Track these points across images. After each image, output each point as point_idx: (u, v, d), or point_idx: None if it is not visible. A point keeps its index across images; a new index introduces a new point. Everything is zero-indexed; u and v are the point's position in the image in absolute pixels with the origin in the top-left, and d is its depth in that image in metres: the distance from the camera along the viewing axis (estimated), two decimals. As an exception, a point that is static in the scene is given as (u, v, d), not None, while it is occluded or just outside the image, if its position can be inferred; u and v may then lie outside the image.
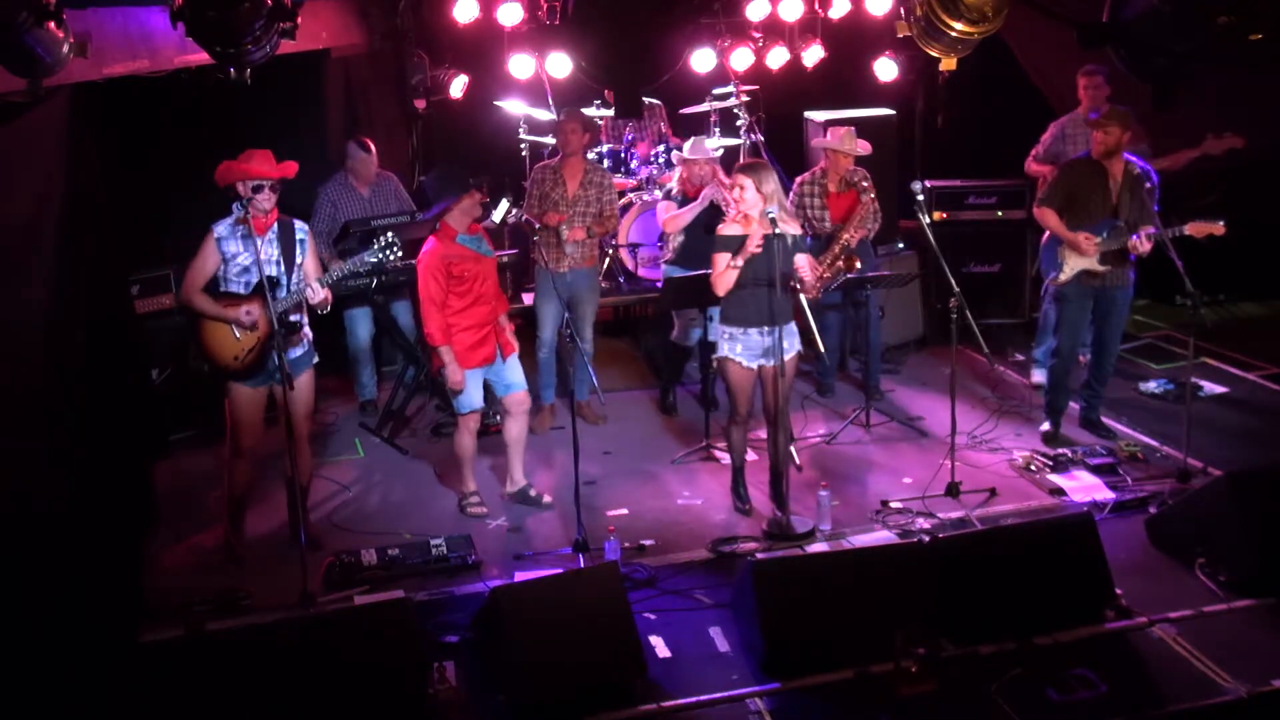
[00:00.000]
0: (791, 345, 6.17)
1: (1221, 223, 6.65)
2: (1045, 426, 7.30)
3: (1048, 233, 7.08)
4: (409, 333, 7.74)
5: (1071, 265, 6.94)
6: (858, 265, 7.33)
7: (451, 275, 6.20)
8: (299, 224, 5.95)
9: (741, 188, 5.97)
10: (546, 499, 6.59)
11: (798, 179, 7.79)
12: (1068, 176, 7.00)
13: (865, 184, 7.46)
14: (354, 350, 7.90)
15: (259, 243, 5.73)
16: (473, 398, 6.38)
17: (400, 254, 6.09)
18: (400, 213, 7.52)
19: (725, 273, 5.99)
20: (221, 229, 5.80)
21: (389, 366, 8.35)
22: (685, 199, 7.48)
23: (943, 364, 8.16)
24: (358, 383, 7.98)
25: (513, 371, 6.46)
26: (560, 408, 7.66)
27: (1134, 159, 6.93)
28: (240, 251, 5.79)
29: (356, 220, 7.35)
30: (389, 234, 6.06)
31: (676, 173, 7.70)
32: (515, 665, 4.74)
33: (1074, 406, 7.43)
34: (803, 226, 7.63)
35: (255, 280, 5.76)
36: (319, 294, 5.85)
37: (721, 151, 8.48)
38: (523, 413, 6.52)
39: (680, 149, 8.02)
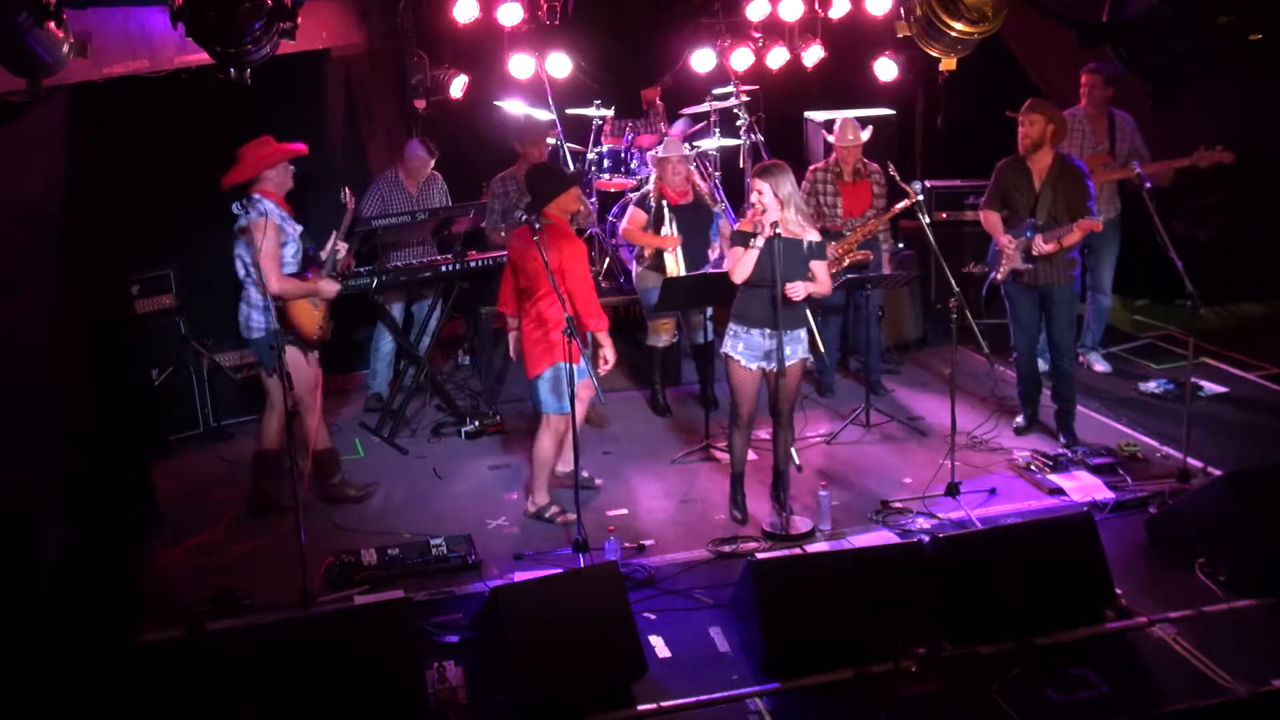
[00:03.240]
0: (795, 352, 6.15)
1: (1100, 220, 6.83)
2: (1019, 420, 7.38)
3: None
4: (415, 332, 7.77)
5: (1004, 266, 7.03)
6: (871, 258, 7.41)
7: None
8: None
9: (760, 193, 5.94)
10: (599, 482, 6.64)
11: (811, 166, 7.84)
12: (1000, 177, 7.09)
13: (878, 177, 7.55)
14: (376, 339, 7.91)
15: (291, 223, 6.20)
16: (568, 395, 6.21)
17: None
18: (401, 213, 7.52)
19: (744, 258, 5.93)
20: (272, 215, 6.04)
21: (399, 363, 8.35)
22: (662, 203, 7.46)
23: (943, 364, 8.17)
24: (372, 373, 7.98)
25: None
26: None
27: (1071, 157, 6.97)
28: (291, 232, 6.13)
29: (361, 220, 7.35)
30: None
31: (652, 174, 7.66)
32: (515, 665, 4.74)
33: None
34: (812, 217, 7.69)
35: (299, 256, 6.21)
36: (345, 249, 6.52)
37: (694, 151, 8.47)
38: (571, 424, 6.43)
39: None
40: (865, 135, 7.62)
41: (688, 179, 7.51)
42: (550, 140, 8.03)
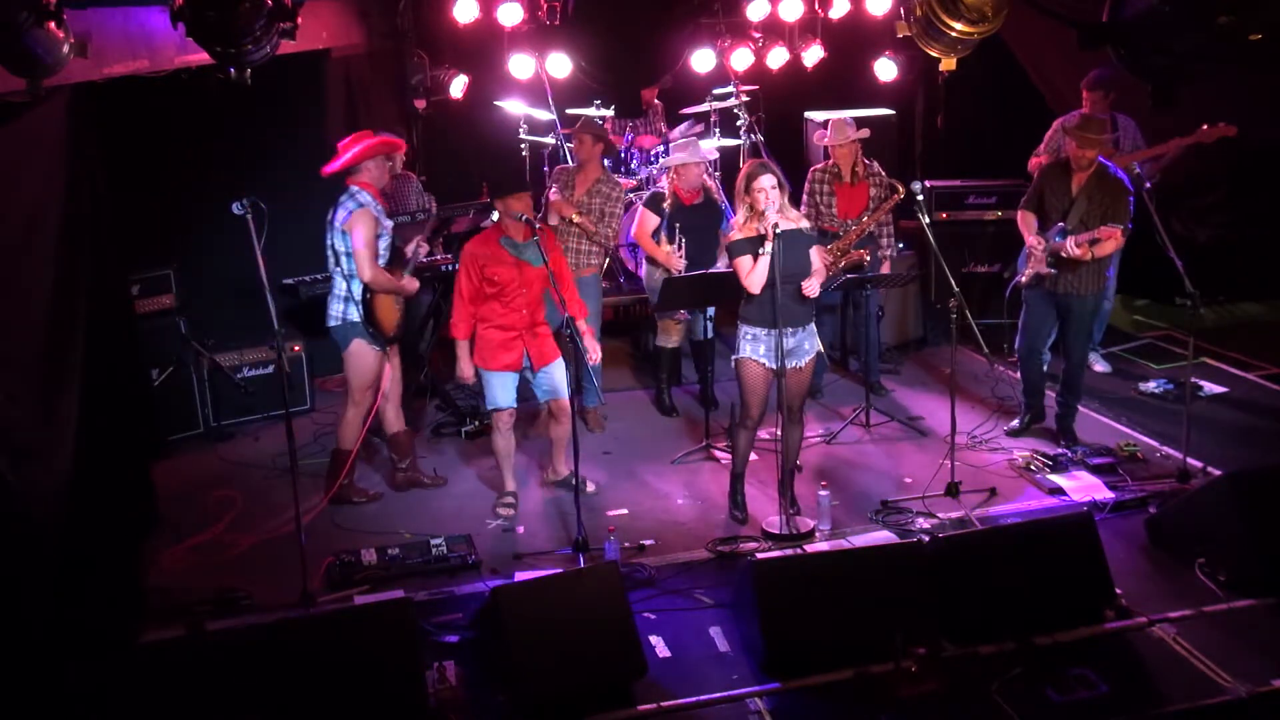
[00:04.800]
0: (814, 346, 6.16)
1: (1118, 230, 6.67)
2: (1013, 423, 7.36)
3: None
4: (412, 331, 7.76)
5: (1030, 268, 6.99)
6: (868, 259, 7.39)
7: (484, 276, 6.23)
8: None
9: (764, 190, 5.93)
10: (591, 487, 6.60)
11: (813, 167, 7.83)
12: (1042, 178, 7.04)
13: (878, 179, 7.54)
14: None
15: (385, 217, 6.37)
16: (496, 397, 6.38)
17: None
18: (400, 213, 7.52)
19: (757, 267, 5.90)
20: (370, 206, 6.19)
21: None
22: (679, 205, 7.46)
23: (943, 364, 8.17)
24: None
25: (555, 378, 6.41)
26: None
27: (1114, 169, 6.89)
28: (386, 225, 6.31)
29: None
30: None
31: (665, 175, 7.64)
32: (516, 665, 4.74)
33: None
34: (809, 217, 7.68)
35: (390, 250, 6.38)
36: (425, 249, 6.70)
37: (717, 155, 8.47)
38: (566, 416, 6.47)
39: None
40: (860, 133, 7.54)
41: (700, 178, 7.51)
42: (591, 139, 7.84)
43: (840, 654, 5.02)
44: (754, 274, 5.93)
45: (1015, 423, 7.37)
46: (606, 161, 8.74)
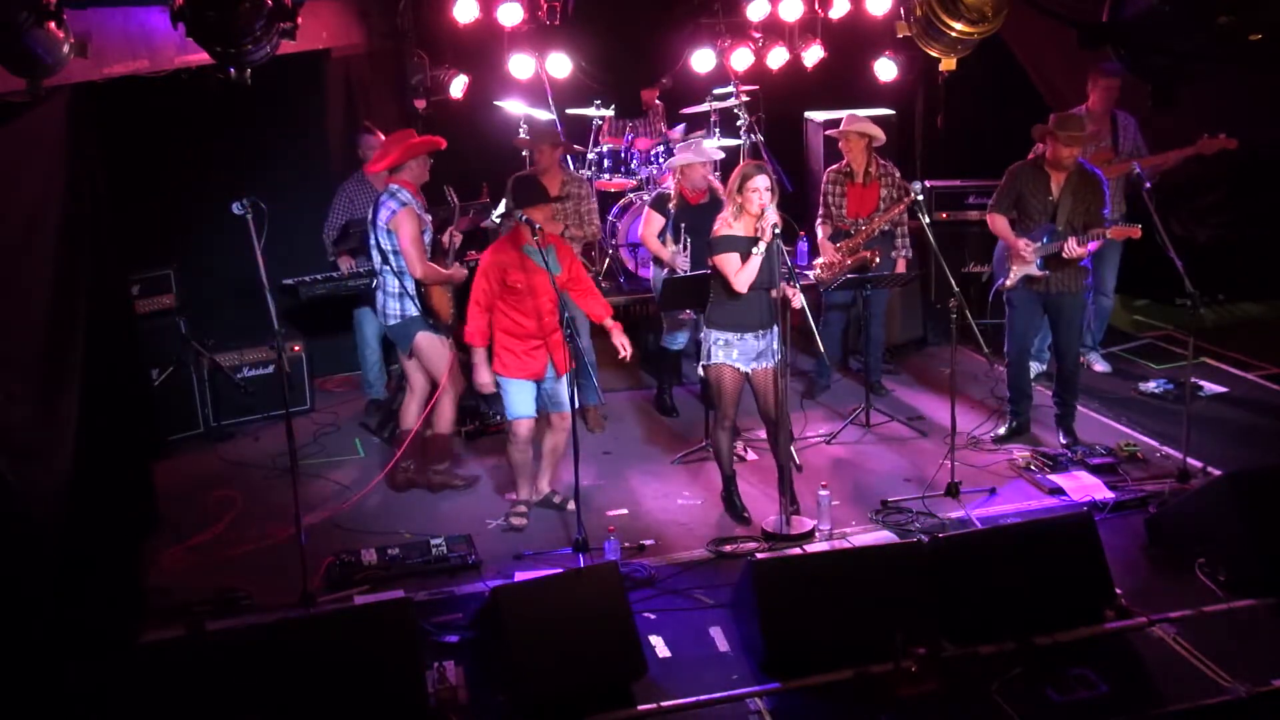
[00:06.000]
0: (779, 347, 6.15)
1: (1138, 227, 6.68)
2: (999, 430, 7.31)
3: None
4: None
5: (1015, 271, 6.96)
6: (876, 260, 7.38)
7: (504, 283, 6.17)
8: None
9: (756, 190, 5.95)
10: (571, 506, 6.47)
11: (828, 168, 7.84)
12: (1013, 181, 7.00)
13: (890, 180, 7.54)
14: (361, 348, 7.89)
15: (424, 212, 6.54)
16: (517, 406, 6.30)
17: None
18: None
19: (748, 265, 5.94)
20: (412, 204, 6.33)
21: (394, 365, 8.34)
22: (685, 205, 7.45)
23: (943, 364, 8.16)
24: (365, 381, 7.97)
25: (563, 389, 6.32)
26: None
27: (1088, 164, 6.90)
28: (427, 221, 6.45)
29: (357, 220, 7.33)
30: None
31: (672, 178, 7.63)
32: (515, 665, 4.74)
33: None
34: (824, 216, 7.71)
35: (431, 244, 6.56)
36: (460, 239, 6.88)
37: (723, 154, 8.47)
38: (564, 429, 6.42)
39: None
40: (872, 130, 7.52)
41: (705, 178, 7.52)
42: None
43: (840, 654, 5.02)
44: (745, 272, 5.96)
45: (1001, 429, 7.34)
46: (607, 162, 8.78)
